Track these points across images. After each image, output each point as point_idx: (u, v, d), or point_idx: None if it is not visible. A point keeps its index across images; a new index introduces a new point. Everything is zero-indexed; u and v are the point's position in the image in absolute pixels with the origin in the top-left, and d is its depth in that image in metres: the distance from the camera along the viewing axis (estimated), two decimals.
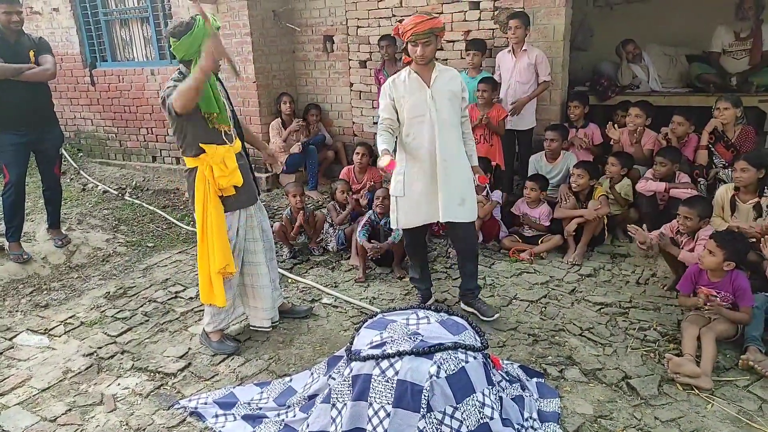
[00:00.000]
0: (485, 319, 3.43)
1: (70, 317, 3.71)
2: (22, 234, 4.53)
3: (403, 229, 3.51)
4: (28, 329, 3.57)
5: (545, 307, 3.57)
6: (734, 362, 2.89)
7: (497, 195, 4.58)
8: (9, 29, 4.13)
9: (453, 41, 5.41)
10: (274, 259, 3.46)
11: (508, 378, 2.67)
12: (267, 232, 3.37)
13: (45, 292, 4.11)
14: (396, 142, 3.28)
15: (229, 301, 3.19)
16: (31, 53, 4.24)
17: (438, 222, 4.31)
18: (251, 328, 3.42)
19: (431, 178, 3.23)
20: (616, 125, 4.92)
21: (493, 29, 5.18)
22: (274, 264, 3.46)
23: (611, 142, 4.88)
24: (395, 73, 5.38)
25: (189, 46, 2.83)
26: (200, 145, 2.94)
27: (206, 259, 3.02)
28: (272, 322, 3.39)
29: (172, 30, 2.87)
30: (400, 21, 5.61)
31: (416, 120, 3.20)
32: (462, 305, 3.61)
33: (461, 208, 3.27)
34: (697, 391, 2.68)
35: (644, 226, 3.71)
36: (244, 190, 3.11)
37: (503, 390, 2.53)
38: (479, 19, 5.23)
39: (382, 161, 2.91)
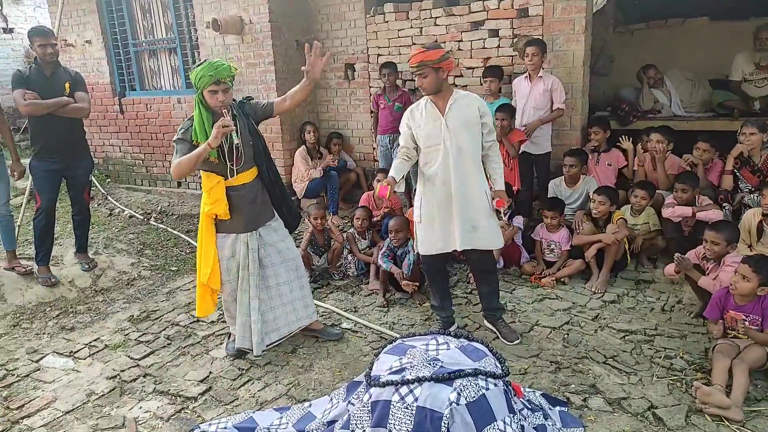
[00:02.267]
0: (506, 342, 3.41)
1: (95, 340, 3.77)
2: (51, 258, 4.64)
3: (422, 255, 3.52)
4: (54, 351, 3.63)
5: (568, 334, 3.52)
6: (766, 393, 2.80)
7: (518, 221, 4.56)
8: (44, 61, 4.30)
9: (473, 68, 5.47)
10: (295, 281, 3.47)
11: (530, 406, 2.63)
12: (284, 253, 3.41)
13: (71, 315, 4.19)
14: (412, 169, 3.39)
15: (232, 316, 3.42)
16: (67, 85, 4.38)
17: None
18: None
19: (446, 206, 3.27)
20: (641, 148, 4.90)
21: (513, 56, 5.23)
22: (295, 285, 3.47)
23: (635, 166, 4.85)
24: (396, 98, 5.52)
25: (194, 78, 3.05)
26: (201, 171, 3.18)
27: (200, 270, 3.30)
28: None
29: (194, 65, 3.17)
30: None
31: (432, 149, 3.25)
32: (486, 323, 3.63)
33: (474, 234, 3.27)
34: (727, 422, 2.59)
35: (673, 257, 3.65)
36: (238, 218, 3.24)
37: (525, 418, 2.49)
38: (498, 46, 5.29)
39: (377, 186, 3.19)
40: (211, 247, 3.24)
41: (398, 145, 5.52)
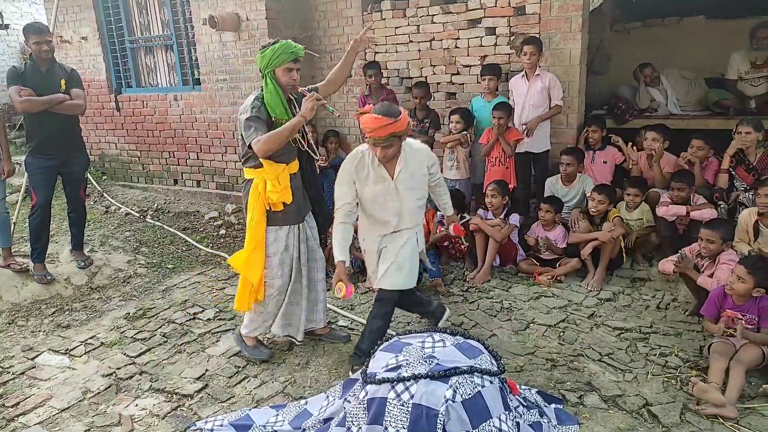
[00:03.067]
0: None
1: (91, 338, 3.76)
2: (47, 255, 4.63)
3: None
4: (49, 349, 3.63)
5: (563, 332, 3.53)
6: (760, 390, 2.81)
7: (515, 218, 4.57)
8: (40, 58, 4.27)
9: (469, 66, 5.46)
10: (321, 282, 3.47)
11: (525, 403, 2.64)
12: (315, 252, 3.40)
13: (67, 312, 4.18)
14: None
15: (269, 312, 3.34)
16: (63, 82, 4.36)
17: (453, 244, 4.30)
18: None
19: (379, 244, 3.20)
20: (635, 147, 4.91)
21: (510, 54, 5.23)
22: (321, 286, 3.47)
23: (629, 165, 4.86)
24: (384, 98, 5.47)
25: (261, 60, 3.06)
26: (261, 159, 3.03)
27: (248, 265, 3.19)
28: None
29: (262, 46, 3.12)
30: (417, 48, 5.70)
31: (378, 205, 3.08)
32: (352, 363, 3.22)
33: (399, 273, 3.08)
34: (721, 419, 2.61)
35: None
36: (292, 208, 3.20)
37: (521, 416, 2.50)
38: (495, 44, 5.29)
39: (339, 290, 2.81)
40: (263, 242, 3.18)
41: None
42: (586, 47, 5.13)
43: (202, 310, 4.08)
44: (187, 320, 3.95)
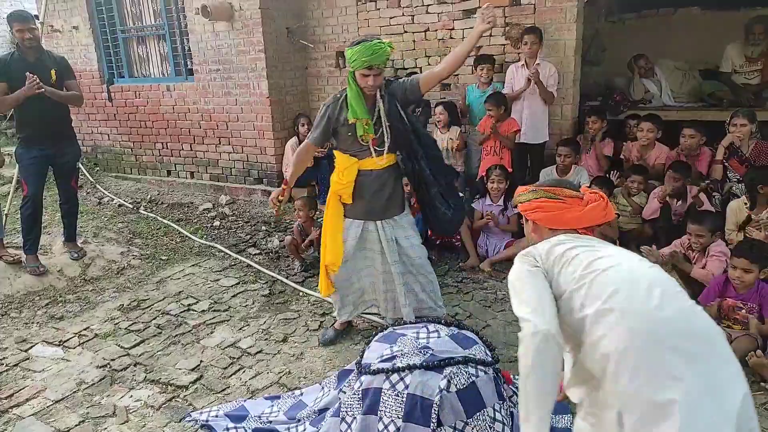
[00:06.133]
0: None
1: (85, 329, 3.75)
2: (39, 246, 4.60)
3: None
4: (43, 341, 3.61)
5: None
6: (751, 379, 2.84)
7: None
8: (25, 47, 4.17)
9: None
10: (411, 283, 3.29)
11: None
12: (406, 249, 3.22)
13: (60, 304, 4.16)
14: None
15: (337, 296, 3.39)
16: (53, 72, 4.27)
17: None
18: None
19: None
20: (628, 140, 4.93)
21: (504, 44, 5.22)
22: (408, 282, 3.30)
23: (621, 156, 4.87)
24: None
25: (349, 57, 2.94)
26: (335, 150, 3.17)
27: (322, 247, 3.31)
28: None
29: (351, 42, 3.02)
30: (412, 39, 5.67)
31: None
32: None
33: None
34: None
35: (653, 246, 3.66)
36: (361, 205, 3.16)
37: (514, 405, 2.51)
38: (490, 35, 5.27)
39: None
40: (332, 228, 3.20)
41: None
42: (581, 38, 5.12)
43: (197, 302, 4.07)
44: (181, 311, 3.94)
